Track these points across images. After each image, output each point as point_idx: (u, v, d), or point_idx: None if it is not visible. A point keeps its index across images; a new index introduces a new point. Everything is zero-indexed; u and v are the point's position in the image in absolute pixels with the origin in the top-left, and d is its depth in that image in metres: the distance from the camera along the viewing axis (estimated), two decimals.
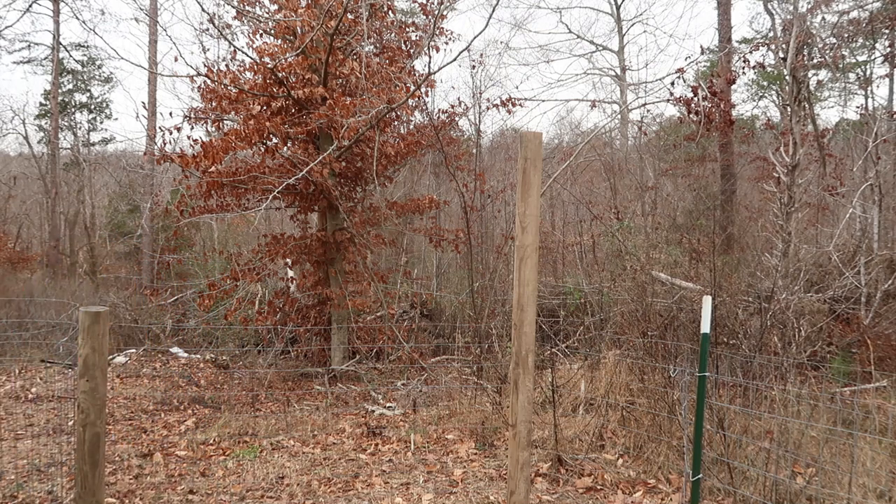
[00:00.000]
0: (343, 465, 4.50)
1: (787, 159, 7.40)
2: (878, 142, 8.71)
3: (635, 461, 4.25)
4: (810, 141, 9.62)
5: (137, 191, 17.91)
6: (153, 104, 15.38)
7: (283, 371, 7.82)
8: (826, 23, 10.66)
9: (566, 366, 6.25)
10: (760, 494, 3.53)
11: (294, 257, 8.41)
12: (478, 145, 11.08)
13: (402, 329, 8.06)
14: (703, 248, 9.15)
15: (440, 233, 8.85)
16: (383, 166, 8.14)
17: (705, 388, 3.35)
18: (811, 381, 5.30)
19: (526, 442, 2.60)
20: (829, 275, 7.50)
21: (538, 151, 2.53)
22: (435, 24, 7.61)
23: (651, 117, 15.64)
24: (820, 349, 6.03)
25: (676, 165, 14.98)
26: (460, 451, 4.70)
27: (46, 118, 20.64)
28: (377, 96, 7.11)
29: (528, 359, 2.51)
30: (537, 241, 2.57)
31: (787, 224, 7.29)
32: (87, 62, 22.59)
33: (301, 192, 7.67)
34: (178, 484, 4.15)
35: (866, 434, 4.11)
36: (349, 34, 7.63)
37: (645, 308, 5.72)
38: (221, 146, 6.86)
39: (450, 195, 12.51)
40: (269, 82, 7.31)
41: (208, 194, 7.21)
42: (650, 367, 4.85)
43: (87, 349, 2.06)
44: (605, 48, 21.22)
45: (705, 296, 3.37)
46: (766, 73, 15.57)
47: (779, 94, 15.44)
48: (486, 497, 3.84)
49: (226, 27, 9.02)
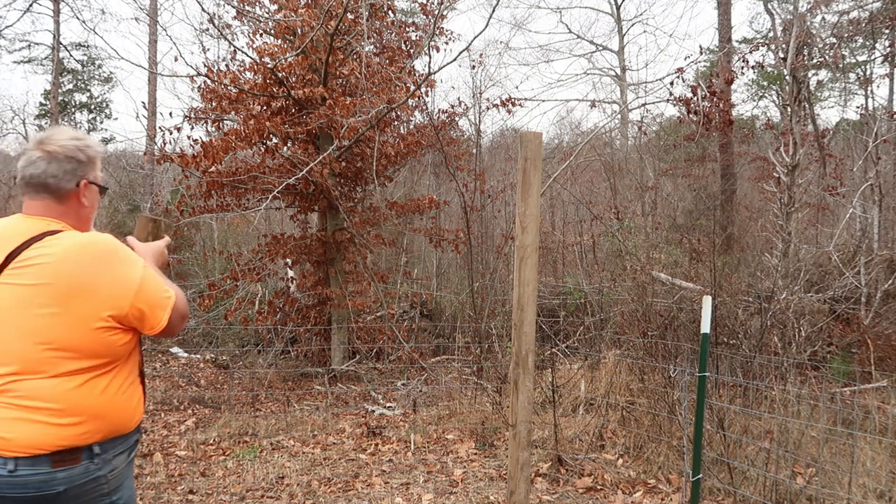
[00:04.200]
0: (343, 465, 4.50)
1: (787, 159, 7.41)
2: (878, 142, 8.71)
3: (635, 461, 4.26)
4: (810, 141, 9.63)
5: (137, 191, 17.92)
6: (153, 104, 15.39)
7: (283, 371, 7.82)
8: (826, 23, 10.66)
9: (566, 366, 6.25)
10: (760, 494, 3.53)
11: (294, 257, 8.41)
12: (478, 145, 11.09)
13: (402, 329, 8.06)
14: (703, 248, 9.15)
15: (440, 233, 8.85)
16: (383, 166, 8.14)
17: (705, 388, 3.35)
18: (811, 381, 5.30)
19: (526, 442, 2.60)
20: (829, 275, 7.50)
21: (538, 151, 2.53)
22: (435, 24, 7.60)
23: (651, 117, 15.65)
24: (820, 349, 6.03)
25: (676, 165, 14.97)
26: (460, 451, 4.71)
27: (46, 118, 20.65)
28: (377, 96, 7.11)
29: (528, 359, 2.51)
30: (537, 241, 2.57)
31: (787, 224, 7.29)
32: (87, 62, 22.59)
33: (301, 192, 7.67)
34: (178, 484, 4.15)
35: (866, 434, 4.11)
36: (349, 34, 7.63)
37: (645, 308, 5.72)
38: (221, 146, 6.86)
39: (450, 195, 12.51)
40: (269, 82, 7.31)
41: (208, 194, 7.22)
42: (650, 367, 4.85)
43: None
44: (605, 48, 21.22)
45: (705, 296, 3.37)
46: (766, 73, 15.56)
47: (779, 94, 15.43)
48: (486, 497, 3.84)
49: (226, 27, 9.01)
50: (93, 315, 1.43)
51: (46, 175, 1.50)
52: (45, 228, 1.48)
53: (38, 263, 1.41)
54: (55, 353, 1.40)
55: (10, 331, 1.40)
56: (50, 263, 1.41)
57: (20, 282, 1.41)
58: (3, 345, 1.40)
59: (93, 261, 1.44)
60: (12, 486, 1.35)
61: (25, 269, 1.42)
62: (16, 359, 1.40)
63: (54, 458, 1.38)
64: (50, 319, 1.40)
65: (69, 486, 1.40)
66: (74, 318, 1.41)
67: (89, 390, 1.44)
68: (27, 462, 1.36)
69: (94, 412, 1.44)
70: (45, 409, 1.38)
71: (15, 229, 1.49)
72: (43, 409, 1.38)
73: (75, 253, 1.43)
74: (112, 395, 1.49)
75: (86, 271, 1.42)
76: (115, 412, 1.50)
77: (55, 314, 1.40)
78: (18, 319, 1.40)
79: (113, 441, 1.50)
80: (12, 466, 1.35)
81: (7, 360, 1.40)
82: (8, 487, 1.35)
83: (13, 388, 1.39)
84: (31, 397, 1.38)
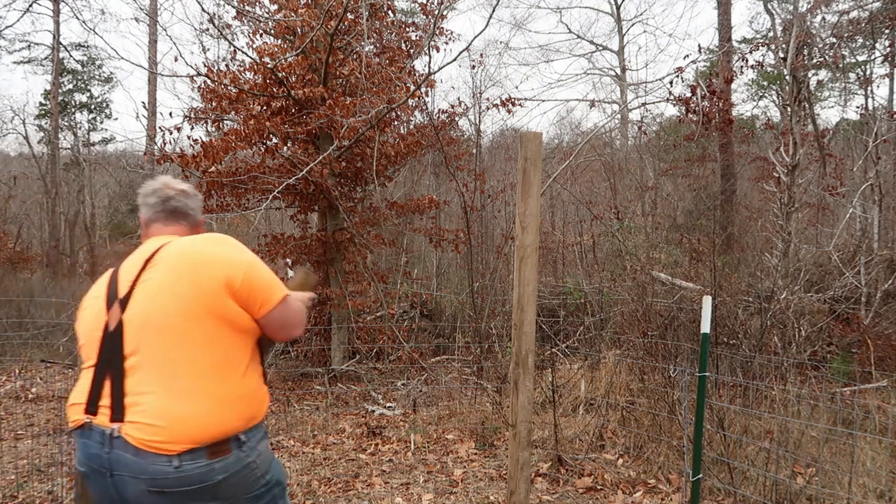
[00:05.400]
0: (343, 465, 4.50)
1: (787, 159, 7.41)
2: (878, 142, 8.71)
3: (635, 461, 4.26)
4: (810, 141, 9.63)
5: (137, 191, 17.90)
6: (153, 104, 15.39)
7: (283, 371, 7.82)
8: (826, 23, 10.66)
9: (566, 366, 6.24)
10: (760, 494, 3.53)
11: (294, 257, 8.40)
12: (478, 145, 11.08)
13: (402, 329, 8.05)
14: (703, 248, 9.15)
15: (440, 233, 8.84)
16: (383, 166, 8.14)
17: (705, 388, 3.35)
18: (811, 381, 5.30)
19: (526, 442, 2.60)
20: (829, 275, 7.49)
21: (538, 151, 2.53)
22: (435, 24, 7.60)
23: (651, 117, 15.66)
24: (820, 349, 6.03)
25: (676, 165, 14.98)
26: (460, 451, 4.71)
27: (46, 118, 20.64)
28: (377, 96, 7.11)
29: (528, 359, 2.51)
30: (537, 241, 2.57)
31: (787, 224, 7.29)
32: (87, 62, 22.59)
33: (301, 192, 7.66)
34: None
35: (866, 434, 4.11)
36: (349, 34, 7.63)
37: (645, 308, 5.72)
38: (221, 146, 6.86)
39: (450, 195, 12.50)
40: (269, 82, 7.31)
41: (208, 194, 7.21)
42: (650, 367, 4.85)
43: None
44: (605, 48, 21.25)
45: (705, 296, 3.37)
46: (766, 73, 15.57)
47: (779, 94, 15.44)
48: (486, 497, 3.84)
49: (226, 27, 9.02)
50: (216, 287, 1.57)
51: (187, 207, 1.90)
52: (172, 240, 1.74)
53: (164, 257, 1.64)
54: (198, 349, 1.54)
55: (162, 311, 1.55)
56: (173, 252, 1.64)
57: (159, 272, 1.61)
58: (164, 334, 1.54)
59: (210, 241, 1.68)
60: (179, 482, 1.47)
61: (156, 266, 1.62)
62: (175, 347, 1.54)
63: (210, 451, 1.51)
64: (190, 291, 1.56)
65: (227, 475, 1.53)
66: (205, 284, 1.57)
67: (233, 381, 1.58)
68: (188, 457, 1.48)
69: (238, 401, 1.58)
70: (199, 403, 1.51)
71: (151, 245, 1.73)
72: (198, 402, 1.51)
73: (201, 239, 1.69)
74: (250, 384, 1.63)
75: (205, 246, 1.65)
76: (254, 400, 1.64)
77: (186, 294, 1.55)
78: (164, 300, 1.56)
79: (254, 429, 1.64)
80: (177, 462, 1.47)
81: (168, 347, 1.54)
82: (175, 483, 1.47)
83: (168, 385, 1.51)
84: (185, 392, 1.51)
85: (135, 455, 1.47)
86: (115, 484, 1.50)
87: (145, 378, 1.52)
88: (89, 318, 1.66)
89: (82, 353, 1.65)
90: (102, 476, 1.51)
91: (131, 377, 1.53)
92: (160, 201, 1.87)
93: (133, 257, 1.74)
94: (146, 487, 1.47)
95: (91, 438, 1.52)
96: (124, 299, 1.60)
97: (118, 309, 1.60)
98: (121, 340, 1.56)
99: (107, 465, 1.49)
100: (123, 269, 1.70)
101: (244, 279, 1.62)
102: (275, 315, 1.68)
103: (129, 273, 1.66)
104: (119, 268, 1.73)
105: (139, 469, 1.47)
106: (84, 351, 1.64)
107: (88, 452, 1.52)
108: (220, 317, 1.58)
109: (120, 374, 1.53)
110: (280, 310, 1.69)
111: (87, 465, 1.54)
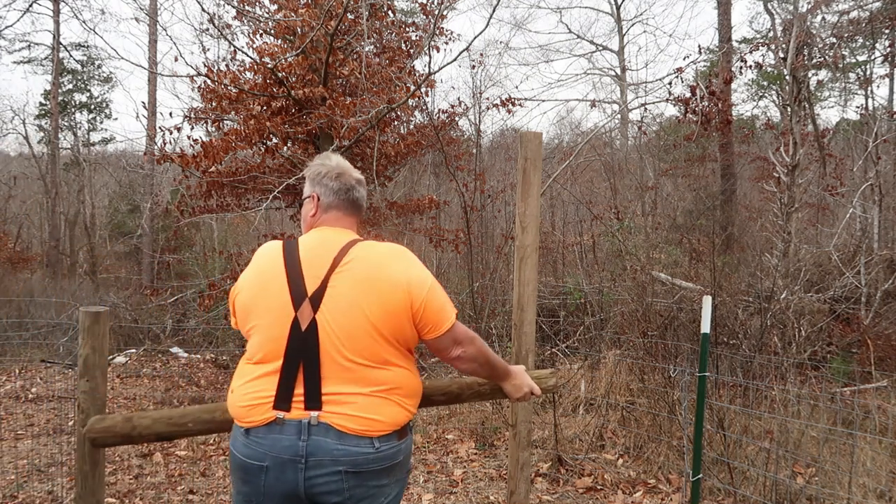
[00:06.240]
0: None
1: (787, 159, 7.41)
2: (878, 142, 8.71)
3: (635, 461, 4.26)
4: (810, 141, 9.63)
5: (137, 191, 17.93)
6: (153, 104, 15.38)
7: None
8: (826, 23, 10.67)
9: (566, 366, 6.24)
10: (760, 494, 3.53)
11: None
12: (478, 145, 11.08)
13: None
14: (703, 248, 9.15)
15: (440, 233, 8.85)
16: (383, 166, 8.14)
17: (705, 388, 3.35)
18: (811, 381, 5.30)
19: (526, 442, 2.60)
20: (829, 275, 7.49)
21: (538, 151, 2.53)
22: (435, 24, 7.61)
23: (651, 117, 15.64)
24: (820, 349, 6.03)
25: (676, 165, 14.98)
26: (460, 451, 4.71)
27: (46, 118, 20.64)
28: (377, 96, 7.11)
29: (528, 359, 2.51)
30: (537, 241, 2.57)
31: (787, 224, 7.30)
32: (87, 62, 22.58)
33: (301, 192, 7.66)
34: (178, 484, 4.15)
35: (866, 434, 4.11)
36: (349, 34, 7.63)
37: (645, 308, 5.72)
38: (221, 146, 6.87)
39: (450, 195, 12.51)
40: (269, 82, 7.31)
41: (208, 194, 7.22)
42: (650, 367, 4.85)
43: (88, 349, 2.06)
44: (605, 48, 21.25)
45: (705, 296, 3.38)
46: (766, 73, 15.57)
47: (779, 94, 15.43)
48: (486, 497, 3.85)
49: (226, 27, 9.01)
50: (401, 312, 1.65)
51: (363, 199, 1.89)
52: (353, 237, 1.77)
53: (354, 267, 1.65)
54: (388, 345, 1.65)
55: (353, 324, 1.61)
56: (362, 263, 1.66)
57: (349, 280, 1.63)
58: (354, 341, 1.61)
59: (395, 255, 1.71)
60: (377, 461, 1.60)
61: (345, 273, 1.64)
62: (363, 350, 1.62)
63: (399, 433, 1.66)
64: (377, 311, 1.62)
65: (405, 454, 1.70)
66: (391, 305, 1.63)
67: (410, 374, 1.71)
68: (384, 439, 1.62)
69: (412, 393, 1.72)
70: (395, 392, 1.64)
71: (334, 239, 1.73)
72: (394, 391, 1.64)
73: (387, 252, 1.71)
74: (417, 379, 1.76)
75: (392, 262, 1.68)
76: (420, 393, 1.77)
77: (378, 305, 1.62)
78: (355, 314, 1.61)
79: (412, 420, 1.76)
80: (378, 444, 1.60)
81: (358, 352, 1.61)
82: (374, 462, 1.60)
83: (369, 375, 1.61)
84: (381, 382, 1.63)
85: (337, 439, 1.56)
86: (307, 469, 1.55)
87: (339, 376, 1.60)
88: (273, 308, 1.64)
89: (256, 346, 1.65)
90: (293, 465, 1.56)
91: (325, 375, 1.60)
92: (344, 189, 1.82)
93: (315, 246, 1.71)
94: (345, 468, 1.56)
95: (283, 432, 1.57)
96: (314, 298, 1.62)
97: (309, 307, 1.62)
98: (315, 339, 1.60)
99: (302, 453, 1.55)
100: (307, 261, 1.67)
101: (423, 302, 1.67)
102: (443, 340, 1.74)
103: (315, 268, 1.66)
104: (296, 251, 1.70)
105: (342, 452, 1.56)
106: (258, 341, 1.64)
107: (279, 445, 1.56)
108: (400, 339, 1.67)
109: (315, 371, 1.59)
110: (447, 337, 1.73)
111: (275, 458, 1.57)
